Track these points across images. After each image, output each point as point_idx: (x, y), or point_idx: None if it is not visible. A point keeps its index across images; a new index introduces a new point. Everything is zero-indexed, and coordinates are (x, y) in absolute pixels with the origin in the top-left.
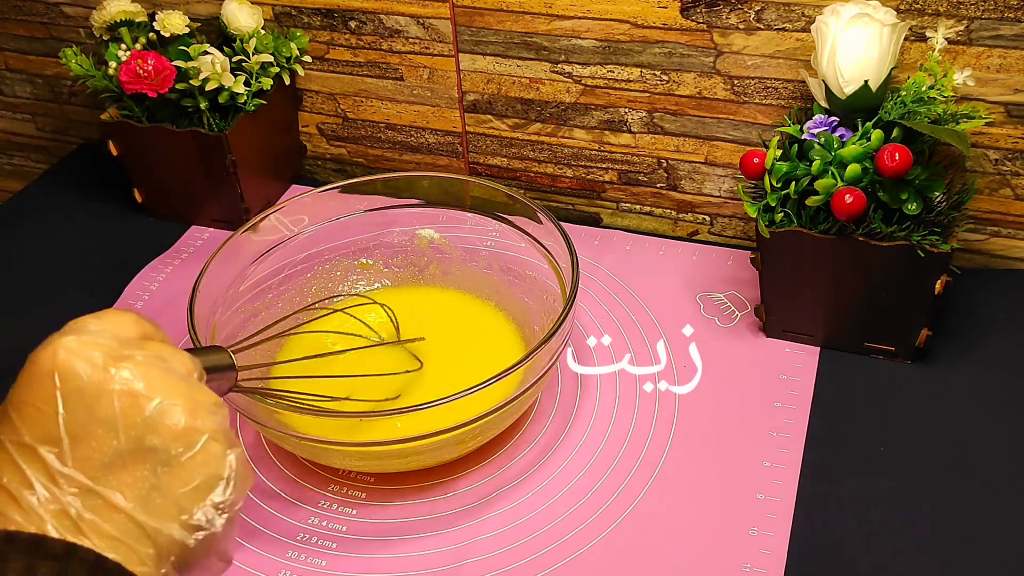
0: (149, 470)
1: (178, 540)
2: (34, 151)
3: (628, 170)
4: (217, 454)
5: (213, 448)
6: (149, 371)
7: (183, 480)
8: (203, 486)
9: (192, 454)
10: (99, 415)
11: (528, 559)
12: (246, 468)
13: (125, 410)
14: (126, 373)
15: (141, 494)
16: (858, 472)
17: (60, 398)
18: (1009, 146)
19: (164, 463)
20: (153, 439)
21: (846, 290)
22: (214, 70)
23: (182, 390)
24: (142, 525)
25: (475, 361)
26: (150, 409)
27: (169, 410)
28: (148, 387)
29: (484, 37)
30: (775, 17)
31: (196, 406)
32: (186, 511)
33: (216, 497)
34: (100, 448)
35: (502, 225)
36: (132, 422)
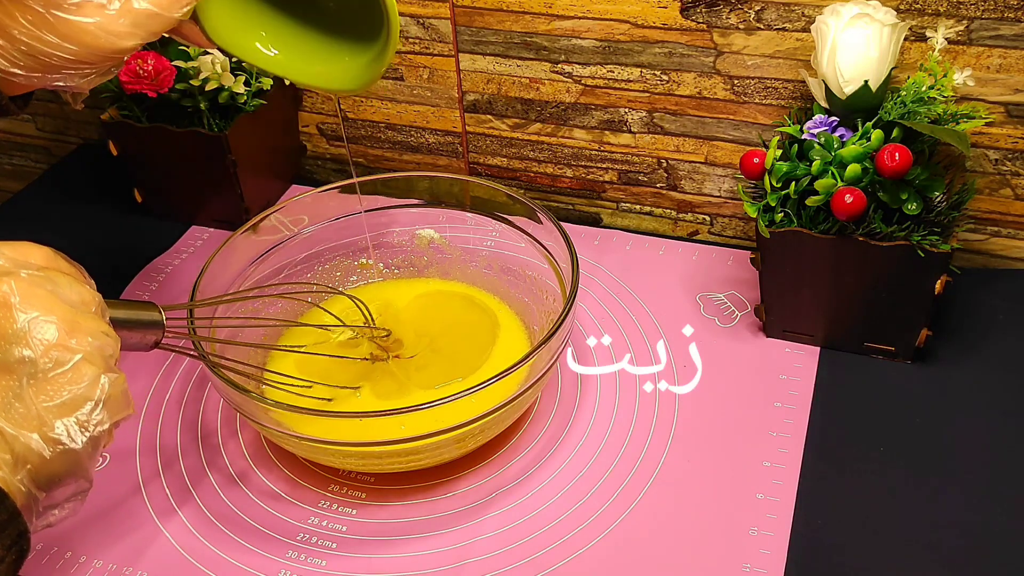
0: (15, 380)
1: (35, 450)
2: (34, 151)
3: (628, 170)
4: (89, 376)
5: (86, 369)
6: (31, 289)
7: (48, 394)
8: (69, 403)
9: (61, 371)
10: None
11: (528, 559)
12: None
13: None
14: (4, 287)
15: (3, 400)
16: (858, 472)
17: None
18: (1009, 146)
19: (31, 375)
20: (21, 350)
21: (846, 290)
22: (214, 70)
23: (63, 310)
24: (1, 430)
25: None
26: (22, 321)
27: (41, 325)
28: (24, 302)
29: (484, 37)
30: (775, 17)
31: (74, 327)
32: (47, 424)
33: (81, 415)
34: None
35: (502, 225)
36: (3, 332)
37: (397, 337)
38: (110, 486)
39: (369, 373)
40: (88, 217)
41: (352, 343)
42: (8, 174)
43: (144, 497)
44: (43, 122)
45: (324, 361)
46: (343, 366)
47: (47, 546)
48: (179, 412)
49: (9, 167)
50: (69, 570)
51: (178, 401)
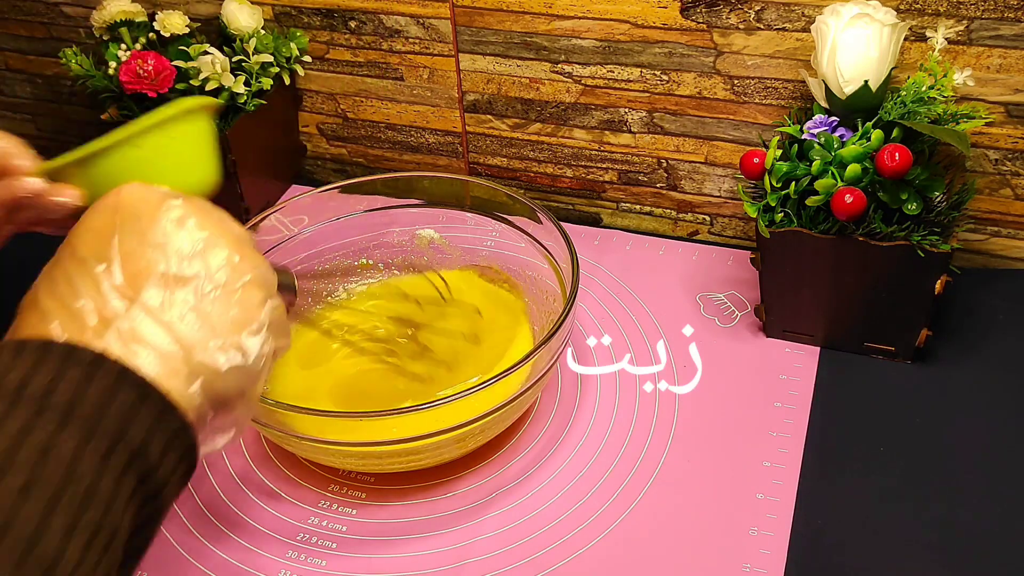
0: (192, 294)
1: (208, 364)
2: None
3: (628, 170)
4: (256, 299)
5: (253, 292)
6: (203, 213)
7: (221, 310)
8: (239, 321)
9: (232, 289)
10: (150, 240)
11: (528, 559)
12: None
13: (173, 237)
14: (181, 209)
15: (179, 313)
16: (858, 472)
17: (117, 224)
18: (1009, 146)
19: (205, 291)
20: (195, 267)
21: (846, 290)
22: (214, 70)
23: (232, 235)
24: (178, 338)
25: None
26: (197, 239)
27: (216, 244)
28: (199, 223)
29: (484, 37)
30: (775, 17)
31: (243, 251)
32: (220, 336)
33: (250, 335)
34: (147, 269)
35: (502, 225)
36: (179, 249)
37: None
38: None
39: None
40: None
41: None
42: None
43: None
44: (43, 122)
45: None
46: None
47: None
48: None
49: None
50: None
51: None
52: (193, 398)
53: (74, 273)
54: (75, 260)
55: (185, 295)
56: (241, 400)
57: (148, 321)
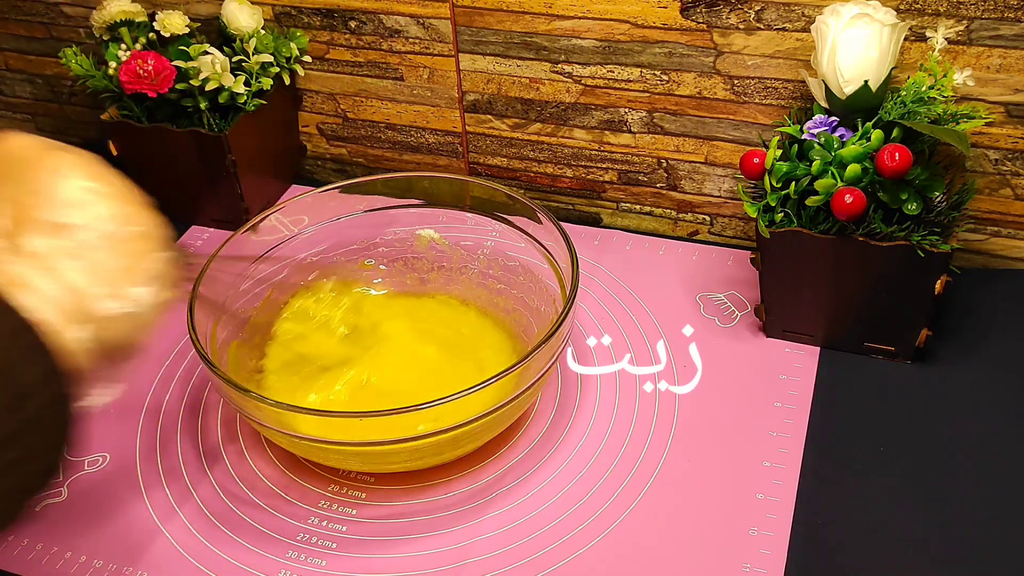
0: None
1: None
2: None
3: (628, 170)
4: (146, 248)
5: (143, 242)
6: (91, 166)
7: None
8: (127, 269)
9: (121, 239)
10: (34, 187)
11: (528, 559)
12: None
13: (60, 186)
14: (68, 159)
15: (67, 259)
16: (858, 472)
17: (5, 172)
18: (1009, 146)
19: (92, 239)
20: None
21: (846, 290)
22: (214, 70)
23: (123, 191)
24: (65, 284)
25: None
26: (83, 188)
27: (104, 195)
28: (87, 174)
29: (484, 37)
30: (775, 17)
31: (133, 206)
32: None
33: (139, 285)
34: (35, 217)
35: (502, 225)
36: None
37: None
38: (110, 486)
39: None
40: None
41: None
42: None
43: (144, 497)
44: (43, 122)
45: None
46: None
47: (47, 546)
48: (179, 412)
49: None
50: (69, 570)
51: (178, 401)
52: (77, 341)
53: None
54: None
55: (70, 243)
56: (126, 345)
57: (33, 268)
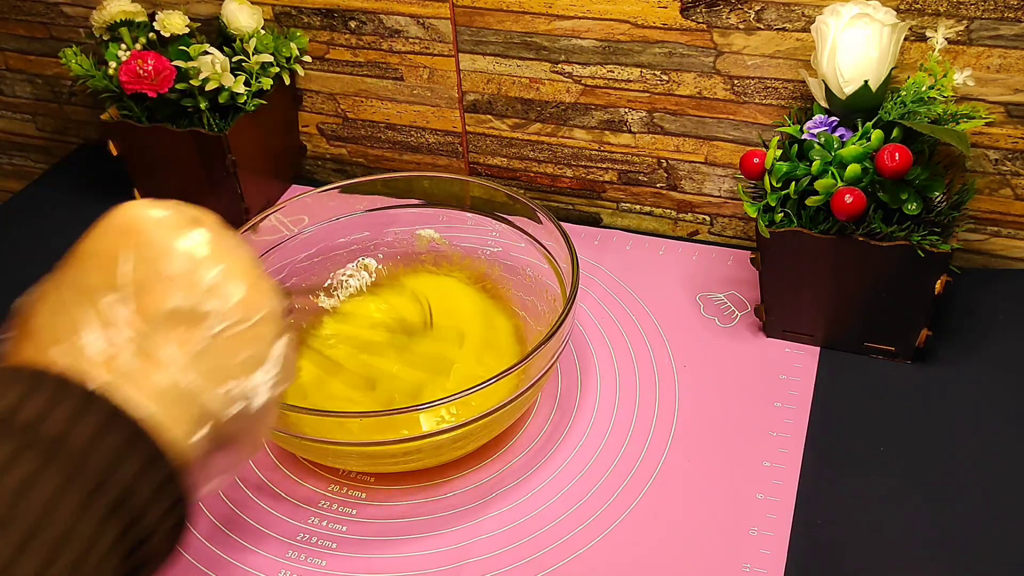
0: (201, 334)
1: (214, 410)
2: (34, 151)
3: (628, 170)
4: (268, 335)
5: (265, 328)
6: (218, 241)
7: (231, 351)
8: (249, 362)
9: (245, 328)
10: (161, 271)
11: (528, 559)
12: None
13: (188, 271)
14: (195, 236)
15: (189, 355)
16: (858, 472)
17: (128, 248)
18: (1009, 146)
19: (218, 331)
20: (211, 304)
21: (846, 290)
22: (214, 70)
23: (244, 266)
24: (183, 386)
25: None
26: (212, 274)
27: (231, 280)
28: (213, 254)
29: (484, 37)
30: (775, 17)
31: (256, 284)
32: (228, 382)
33: (260, 376)
34: (157, 303)
35: (502, 225)
36: (192, 283)
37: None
38: None
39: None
40: (88, 217)
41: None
42: (8, 174)
43: None
44: (43, 122)
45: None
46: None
47: None
48: None
49: (9, 167)
50: None
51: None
52: (196, 445)
53: (78, 302)
54: (78, 287)
55: (197, 334)
56: (247, 439)
57: (151, 363)
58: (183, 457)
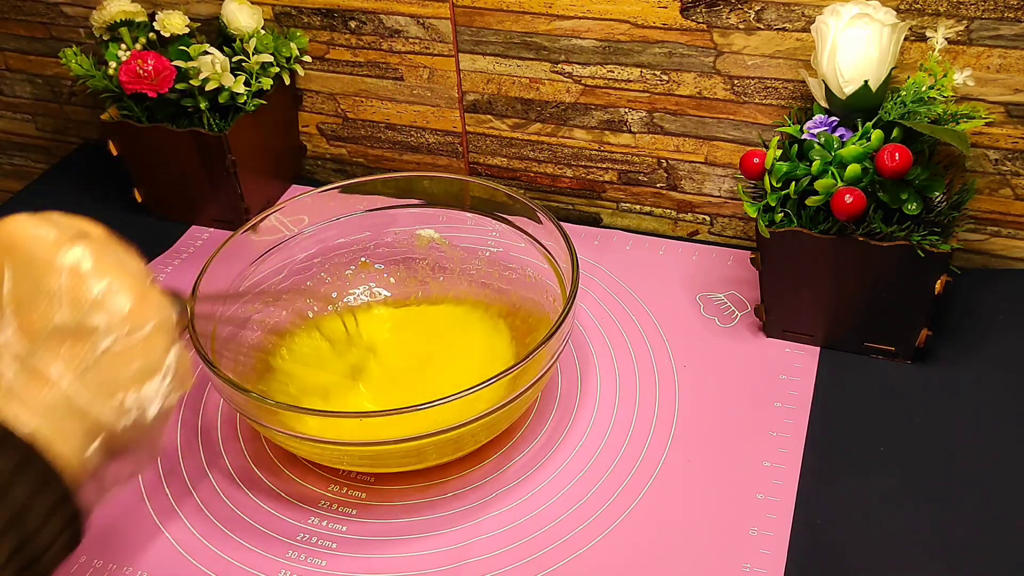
0: (88, 349)
1: (106, 423)
2: (34, 151)
3: (628, 170)
4: (159, 346)
5: (156, 339)
6: (101, 255)
7: (121, 364)
8: (140, 373)
9: (134, 340)
10: (44, 288)
11: (528, 559)
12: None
13: (71, 286)
14: (77, 252)
15: (77, 370)
16: (858, 472)
17: (9, 268)
18: (1009, 146)
19: (105, 345)
20: (97, 319)
21: (846, 290)
22: (214, 70)
23: (131, 279)
24: (72, 401)
25: (475, 361)
26: (97, 289)
27: (117, 293)
28: (97, 269)
29: (484, 37)
30: (775, 17)
31: (144, 296)
32: (119, 394)
33: (151, 387)
34: (42, 320)
35: (502, 225)
36: (77, 298)
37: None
38: None
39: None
40: (88, 217)
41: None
42: (8, 174)
43: (144, 497)
44: (43, 122)
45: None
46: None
47: None
48: (179, 412)
49: (9, 167)
50: (69, 570)
51: (178, 401)
52: (87, 460)
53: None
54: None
55: (84, 350)
56: (141, 449)
57: (41, 382)
58: (76, 472)
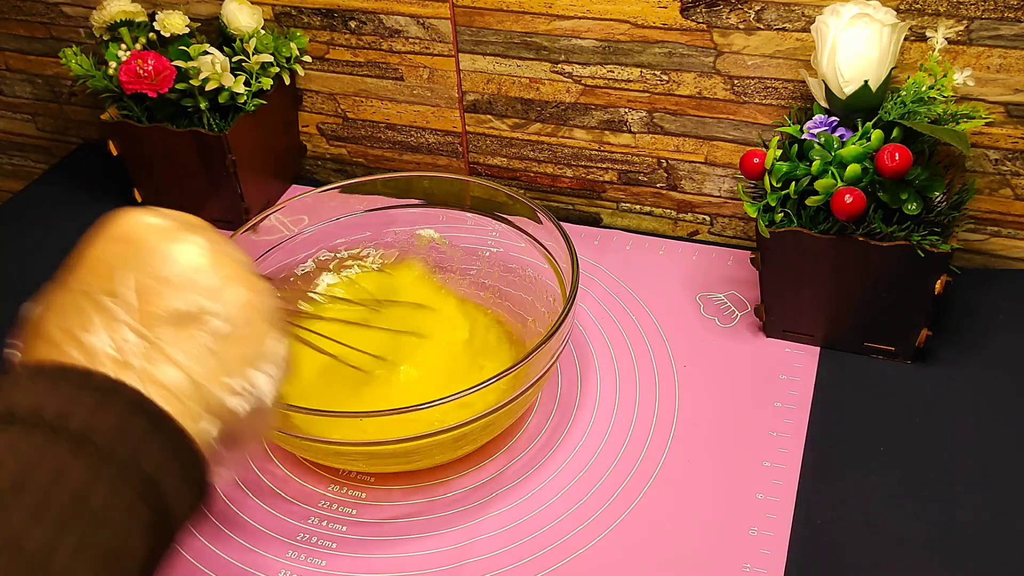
0: (207, 334)
1: (221, 407)
2: (34, 151)
3: (628, 170)
4: (267, 333)
5: (265, 327)
6: (215, 245)
7: (239, 350)
8: (252, 360)
9: (248, 328)
10: (162, 276)
11: (528, 559)
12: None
13: (187, 275)
14: (195, 240)
15: (196, 354)
16: (858, 472)
17: (128, 255)
18: (1009, 146)
19: (221, 331)
20: (211, 306)
21: (846, 290)
22: (214, 70)
23: (243, 269)
24: (195, 382)
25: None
26: (211, 277)
27: (233, 281)
28: (213, 258)
29: (484, 37)
30: (775, 17)
31: (253, 285)
32: (237, 380)
33: (263, 373)
34: (160, 306)
35: (502, 225)
36: (192, 286)
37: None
38: None
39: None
40: (88, 217)
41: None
42: (8, 174)
43: None
44: (43, 122)
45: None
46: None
47: None
48: None
49: (9, 167)
50: None
51: None
52: (206, 435)
53: (84, 305)
54: (83, 292)
55: (199, 335)
56: (250, 435)
57: (161, 360)
58: (199, 445)
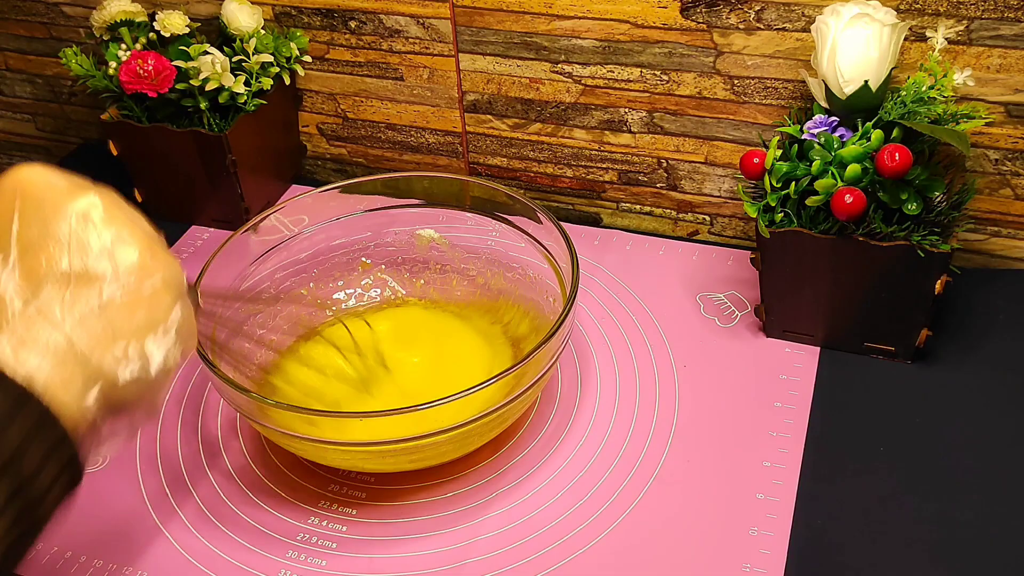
0: (93, 295)
1: (107, 372)
2: (34, 151)
3: (628, 170)
4: (165, 301)
5: (162, 294)
6: (112, 206)
7: (125, 314)
8: (144, 326)
9: (140, 292)
10: (52, 232)
11: (528, 559)
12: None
13: (80, 233)
14: (89, 199)
15: (80, 315)
16: (858, 472)
17: (18, 211)
18: (1009, 146)
19: (110, 293)
20: (103, 266)
21: (846, 290)
22: (214, 70)
23: (140, 232)
24: (74, 345)
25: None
26: (106, 237)
27: (125, 243)
28: (107, 218)
29: (484, 37)
30: (775, 17)
31: (152, 250)
32: (121, 344)
33: (155, 341)
34: (48, 263)
35: (502, 225)
36: (85, 245)
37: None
38: (110, 486)
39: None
40: None
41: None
42: None
43: (144, 497)
44: (43, 122)
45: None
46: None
47: (47, 546)
48: (179, 412)
49: (9, 167)
50: (69, 570)
51: (178, 401)
52: (86, 409)
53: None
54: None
55: (88, 296)
56: (141, 405)
57: (43, 324)
58: (74, 419)
